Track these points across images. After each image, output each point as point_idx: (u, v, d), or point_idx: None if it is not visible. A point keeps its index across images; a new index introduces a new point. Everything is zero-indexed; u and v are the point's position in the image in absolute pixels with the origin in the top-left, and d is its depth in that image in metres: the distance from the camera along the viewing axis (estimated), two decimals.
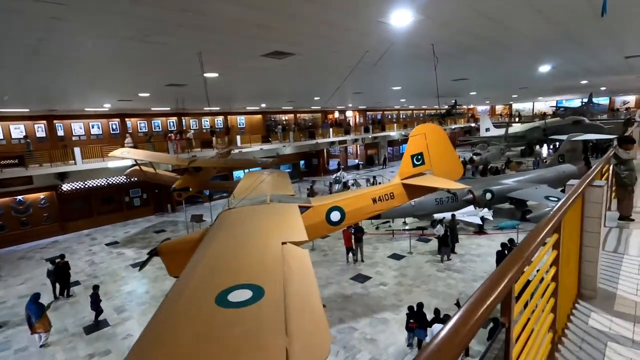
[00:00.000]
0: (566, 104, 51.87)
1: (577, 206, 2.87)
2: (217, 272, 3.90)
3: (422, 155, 8.20)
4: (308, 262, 4.25)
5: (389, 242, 16.99)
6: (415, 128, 8.37)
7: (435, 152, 8.22)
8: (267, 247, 4.67)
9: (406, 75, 13.80)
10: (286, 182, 10.30)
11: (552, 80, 19.10)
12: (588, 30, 8.11)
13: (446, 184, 7.63)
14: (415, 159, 8.23)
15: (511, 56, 10.31)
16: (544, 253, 2.28)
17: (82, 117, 22.77)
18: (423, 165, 8.24)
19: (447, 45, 8.06)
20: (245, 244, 4.93)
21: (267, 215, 6.30)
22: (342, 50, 7.96)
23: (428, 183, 7.68)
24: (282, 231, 5.21)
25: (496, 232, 17.41)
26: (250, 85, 13.80)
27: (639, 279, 3.45)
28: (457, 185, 7.72)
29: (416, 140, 8.18)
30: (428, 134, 8.16)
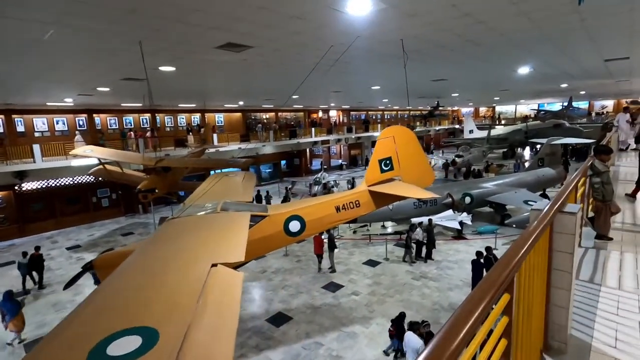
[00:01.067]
0: (548, 107, 52.63)
1: (544, 238, 2.25)
2: (106, 311, 3.13)
3: (390, 160, 7.58)
4: (236, 291, 3.55)
5: (365, 247, 16.40)
6: (384, 130, 7.74)
7: (405, 156, 7.61)
8: (189, 272, 3.93)
9: (382, 75, 13.21)
10: (248, 186, 9.54)
11: (533, 82, 18.88)
12: (568, 30, 7.64)
13: (416, 192, 7.01)
14: (384, 164, 7.60)
15: (488, 56, 9.81)
16: (492, 320, 1.62)
17: (45, 112, 21.43)
18: (392, 170, 7.62)
19: (418, 41, 7.45)
20: (164, 269, 4.17)
21: (207, 228, 5.55)
22: (303, 44, 7.26)
23: (396, 191, 7.06)
24: (216, 250, 4.48)
25: (475, 237, 17.05)
26: (215, 82, 12.95)
27: (617, 323, 2.87)
28: (427, 194, 7.11)
29: (384, 143, 7.55)
30: (397, 137, 7.54)
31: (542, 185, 20.49)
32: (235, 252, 4.38)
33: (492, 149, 41.16)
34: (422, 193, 6.94)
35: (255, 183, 17.89)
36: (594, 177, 4.68)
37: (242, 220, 6.03)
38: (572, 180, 3.64)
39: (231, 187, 9.53)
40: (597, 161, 4.78)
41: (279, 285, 12.99)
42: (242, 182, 10.25)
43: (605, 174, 4.60)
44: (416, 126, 35.99)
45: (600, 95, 37.67)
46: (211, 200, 7.77)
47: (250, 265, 14.28)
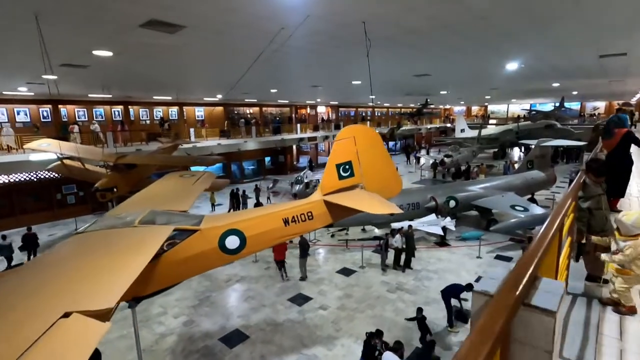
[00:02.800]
0: (540, 107, 52.04)
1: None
2: None
3: (350, 165, 6.47)
4: (85, 351, 2.43)
5: (341, 254, 15.33)
6: (342, 130, 6.60)
7: (368, 161, 6.50)
8: (28, 324, 2.78)
9: (356, 68, 11.97)
10: (195, 190, 8.38)
11: (523, 81, 17.90)
12: (560, 17, 6.56)
13: (377, 205, 5.86)
14: (342, 169, 6.48)
15: (470, 47, 8.71)
16: None
17: (4, 101, 19.89)
18: (352, 177, 6.51)
19: (385, 25, 6.31)
20: (4, 316, 3.00)
21: (101, 252, 4.39)
22: (244, 25, 6.07)
23: (354, 203, 5.93)
24: (79, 291, 3.31)
25: (459, 243, 16.08)
26: (165, 71, 11.43)
27: None
28: (390, 208, 5.92)
29: (343, 145, 6.43)
30: (359, 138, 6.42)
31: (531, 188, 19.61)
32: (105, 296, 3.23)
33: (483, 149, 40.36)
34: (384, 207, 5.81)
35: (226, 183, 16.75)
36: (583, 200, 3.64)
37: (155, 239, 4.88)
38: (559, 211, 2.51)
39: (175, 190, 8.36)
40: (588, 180, 3.73)
41: (241, 296, 11.87)
42: (193, 184, 9.10)
43: (594, 199, 3.53)
44: (403, 124, 34.92)
45: (592, 96, 37.02)
46: (140, 209, 6.61)
47: (214, 273, 13.13)
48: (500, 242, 15.87)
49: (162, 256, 5.59)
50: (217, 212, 22.53)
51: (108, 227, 5.56)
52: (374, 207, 5.74)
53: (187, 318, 10.61)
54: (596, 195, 3.56)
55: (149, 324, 10.31)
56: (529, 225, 15.75)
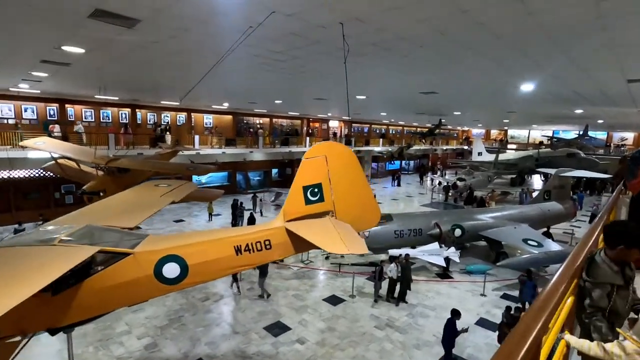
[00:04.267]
0: (563, 134, 49.92)
1: None
2: None
3: (320, 188, 5.53)
4: None
5: (332, 279, 14.22)
6: (313, 147, 5.66)
7: (341, 185, 5.55)
8: None
9: (360, 81, 11.14)
10: (160, 202, 7.59)
11: (542, 106, 16.67)
12: (580, 36, 5.59)
13: (346, 242, 4.70)
14: (310, 192, 5.55)
15: (476, 60, 7.71)
16: None
17: (13, 97, 19.98)
18: (321, 202, 5.56)
19: (368, 28, 5.44)
20: None
21: None
22: (204, 20, 5.31)
23: (315, 237, 4.83)
24: None
25: (463, 277, 14.72)
26: (138, 71, 10.61)
27: None
28: (361, 247, 4.67)
29: (313, 164, 5.50)
30: (331, 156, 5.50)
31: (547, 221, 18.06)
32: None
33: (500, 174, 38.66)
34: (352, 245, 4.70)
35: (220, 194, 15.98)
36: (591, 285, 2.33)
37: (64, 262, 4.06)
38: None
39: (137, 201, 7.60)
40: (603, 255, 2.38)
41: (215, 319, 10.91)
42: (161, 196, 8.32)
43: (604, 288, 2.25)
44: (413, 144, 33.58)
45: (620, 126, 34.98)
46: (86, 220, 5.86)
47: (193, 290, 12.28)
48: (510, 279, 14.42)
49: (84, 282, 4.76)
50: (214, 222, 21.87)
51: (22, 243, 4.79)
52: (338, 246, 4.71)
53: (151, 340, 9.71)
54: (609, 285, 2.31)
55: (108, 343, 9.46)
56: (542, 264, 14.30)
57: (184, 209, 24.45)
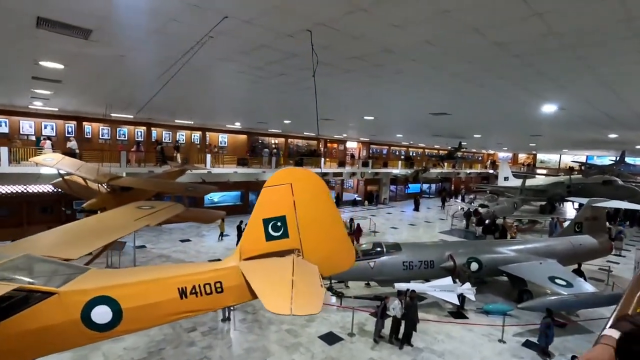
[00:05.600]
0: (597, 160, 46.85)
1: None
2: None
3: (284, 222, 4.70)
4: None
5: (332, 312, 13.07)
6: (276, 173, 4.82)
7: (309, 218, 4.69)
8: None
9: (366, 101, 10.38)
10: (125, 227, 6.99)
11: (571, 130, 15.26)
12: (611, 54, 4.65)
13: (298, 295, 3.64)
14: (272, 226, 4.72)
15: (488, 80, 6.78)
16: None
17: (34, 115, 20.67)
18: (285, 239, 4.71)
19: (342, 38, 4.70)
20: None
21: None
22: (156, 30, 4.75)
23: (261, 285, 3.85)
24: None
25: (480, 317, 13.16)
26: (126, 88, 10.31)
27: None
28: (313, 306, 3.60)
29: (275, 194, 4.69)
30: (298, 185, 4.67)
31: (578, 257, 16.16)
32: None
33: (527, 201, 36.20)
34: (300, 303, 3.60)
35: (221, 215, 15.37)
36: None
37: None
38: None
39: (104, 225, 7.06)
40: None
41: (196, 355, 10.03)
42: (135, 220, 7.75)
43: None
44: (430, 167, 31.99)
45: None
46: (30, 248, 5.29)
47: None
48: (534, 323, 12.69)
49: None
50: (223, 243, 21.30)
51: None
52: (282, 302, 3.48)
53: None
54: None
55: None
56: (572, 307, 12.60)
57: (193, 229, 24.13)
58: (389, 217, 32.56)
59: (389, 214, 34.37)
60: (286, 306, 3.46)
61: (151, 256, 18.45)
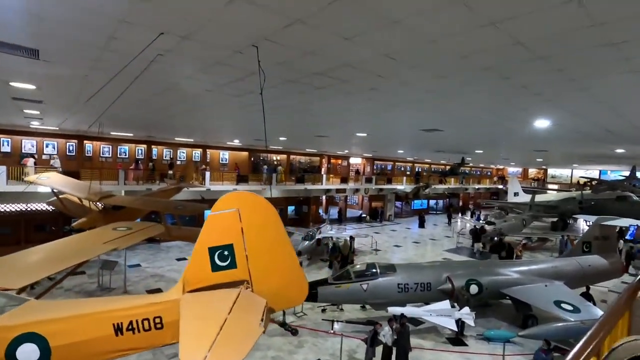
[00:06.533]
0: (611, 175, 45.47)
1: None
2: None
3: (231, 251, 4.33)
4: None
5: (323, 338, 12.44)
6: (222, 198, 4.45)
7: (259, 247, 4.31)
8: None
9: (357, 118, 10.06)
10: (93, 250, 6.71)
11: (574, 144, 14.66)
12: (603, 71, 4.29)
13: (224, 340, 3.16)
14: (219, 255, 4.35)
15: (477, 98, 6.42)
16: None
17: (36, 134, 21.00)
18: (232, 269, 4.33)
19: (300, 55, 4.43)
20: None
21: None
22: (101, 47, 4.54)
23: (186, 325, 3.47)
24: None
25: (480, 345, 12.37)
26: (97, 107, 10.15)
27: None
28: (233, 354, 3.46)
29: (221, 220, 4.32)
30: (246, 211, 4.31)
31: (587, 279, 15.23)
32: None
33: (537, 217, 34.93)
34: (220, 351, 3.26)
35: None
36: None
37: None
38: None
39: (63, 249, 6.77)
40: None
41: None
42: (104, 242, 7.46)
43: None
44: (430, 184, 31.12)
45: None
46: None
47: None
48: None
49: None
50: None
51: None
52: (197, 349, 3.17)
53: None
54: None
55: None
56: (578, 335, 11.65)
57: (190, 247, 23.60)
58: (392, 235, 31.78)
59: (393, 231, 33.58)
60: (200, 354, 3.04)
61: (144, 275, 18.15)
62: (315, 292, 12.67)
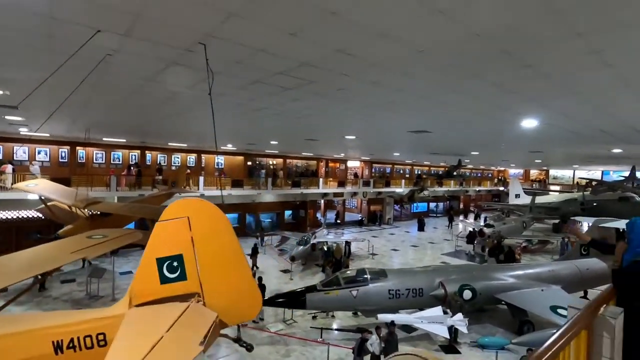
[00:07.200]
0: (614, 176, 44.88)
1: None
2: None
3: (180, 262, 4.06)
4: None
5: (311, 347, 12.10)
6: (172, 205, 4.16)
7: (211, 258, 4.03)
8: None
9: (347, 120, 9.80)
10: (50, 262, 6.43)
11: (569, 145, 14.33)
12: (585, 72, 4.03)
13: (172, 352, 3.04)
14: (167, 267, 4.09)
15: (462, 101, 6.15)
16: None
17: (26, 141, 20.88)
18: (182, 281, 4.07)
19: (253, 53, 4.18)
20: None
21: None
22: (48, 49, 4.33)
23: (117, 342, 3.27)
24: None
25: (474, 352, 11.99)
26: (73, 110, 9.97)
27: None
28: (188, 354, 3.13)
29: (170, 229, 4.06)
30: (196, 219, 4.04)
31: (585, 283, 14.84)
32: None
33: (538, 219, 34.41)
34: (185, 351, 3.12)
35: None
36: None
37: None
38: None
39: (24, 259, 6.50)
40: None
41: None
42: (71, 252, 7.19)
43: None
44: (425, 187, 30.58)
45: None
46: None
47: None
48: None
49: None
50: None
51: None
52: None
53: None
54: None
55: None
56: None
57: None
58: (390, 239, 31.39)
59: (391, 235, 33.17)
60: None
61: None
62: (304, 299, 12.39)
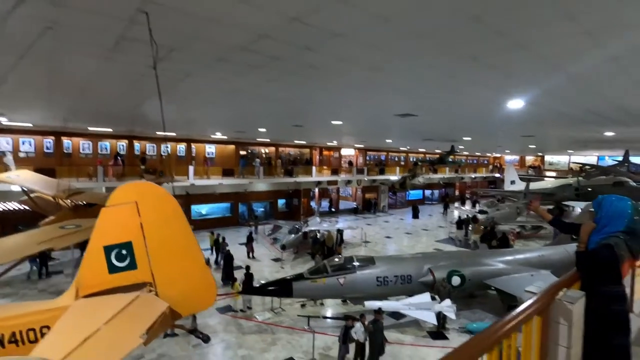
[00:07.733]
0: (609, 161, 44.80)
1: None
2: None
3: (130, 250, 3.80)
4: None
5: (299, 335, 12.01)
6: (118, 189, 3.81)
7: (161, 245, 3.78)
8: None
9: (330, 104, 9.47)
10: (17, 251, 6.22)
11: (559, 128, 14.06)
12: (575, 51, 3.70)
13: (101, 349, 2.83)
14: (116, 255, 3.83)
15: (444, 81, 5.83)
16: None
17: (11, 131, 20.41)
18: (132, 270, 3.82)
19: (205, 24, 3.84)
20: None
21: None
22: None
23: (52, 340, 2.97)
24: None
25: (462, 338, 11.89)
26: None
27: None
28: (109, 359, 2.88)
29: (117, 215, 3.78)
30: (144, 204, 3.75)
31: None
32: None
33: None
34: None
35: None
36: None
37: None
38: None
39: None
40: None
41: None
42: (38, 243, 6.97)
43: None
44: (419, 174, 30.18)
45: None
46: None
47: None
48: None
49: None
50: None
51: None
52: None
53: None
54: None
55: None
56: None
57: None
58: (385, 226, 31.30)
59: (386, 222, 33.09)
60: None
61: None
62: (290, 288, 12.25)
